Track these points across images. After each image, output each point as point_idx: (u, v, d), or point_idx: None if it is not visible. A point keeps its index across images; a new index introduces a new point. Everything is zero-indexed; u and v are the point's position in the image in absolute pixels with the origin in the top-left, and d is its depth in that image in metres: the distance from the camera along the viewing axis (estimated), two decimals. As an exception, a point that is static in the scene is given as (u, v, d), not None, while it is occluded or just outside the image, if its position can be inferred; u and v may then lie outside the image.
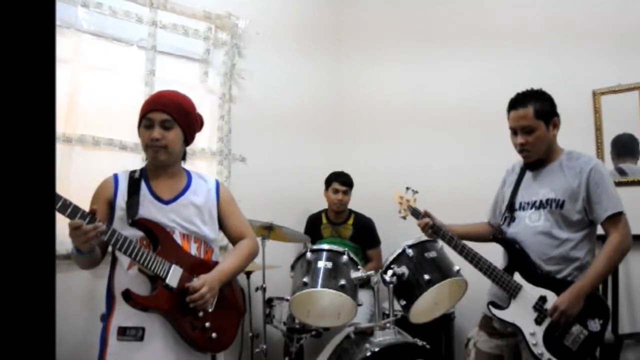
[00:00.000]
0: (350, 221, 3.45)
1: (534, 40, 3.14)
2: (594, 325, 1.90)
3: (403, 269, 2.16)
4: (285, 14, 3.82)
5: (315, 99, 3.96)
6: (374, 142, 3.94)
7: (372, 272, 2.28)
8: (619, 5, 2.85)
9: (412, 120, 3.69)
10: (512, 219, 2.09)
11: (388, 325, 2.23)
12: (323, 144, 3.99)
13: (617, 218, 1.90)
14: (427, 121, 3.61)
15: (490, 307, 2.02)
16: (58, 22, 2.59)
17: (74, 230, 1.48)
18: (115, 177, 1.81)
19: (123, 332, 1.64)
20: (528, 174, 2.10)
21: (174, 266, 1.67)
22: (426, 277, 2.10)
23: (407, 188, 2.27)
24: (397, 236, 2.43)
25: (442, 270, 2.13)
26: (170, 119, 1.73)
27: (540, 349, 1.89)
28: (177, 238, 1.75)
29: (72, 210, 1.48)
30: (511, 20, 3.25)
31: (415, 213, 2.20)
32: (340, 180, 3.40)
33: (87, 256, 1.64)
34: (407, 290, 2.15)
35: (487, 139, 3.21)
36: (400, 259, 2.20)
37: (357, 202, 3.50)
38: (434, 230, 2.11)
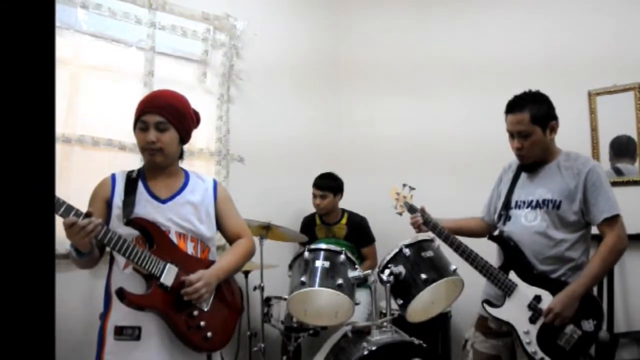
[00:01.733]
0: (344, 221, 3.45)
1: (529, 41, 3.14)
2: (588, 325, 1.90)
3: (400, 268, 2.16)
4: (283, 16, 3.83)
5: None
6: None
7: (369, 271, 2.28)
8: (615, 5, 2.86)
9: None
10: (508, 218, 2.08)
11: (385, 324, 2.24)
12: (320, 145, 4.00)
13: (613, 220, 1.90)
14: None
15: (485, 305, 2.03)
16: (58, 23, 2.60)
17: (70, 228, 1.48)
18: (113, 176, 1.82)
19: (120, 331, 1.64)
20: (525, 173, 2.10)
21: (168, 265, 1.66)
22: (423, 276, 2.10)
23: (404, 185, 2.28)
24: (395, 236, 2.44)
25: (439, 270, 2.13)
26: (164, 121, 1.72)
27: (533, 347, 1.90)
28: (173, 237, 1.74)
29: (65, 209, 1.48)
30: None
31: (412, 209, 2.20)
32: (316, 185, 3.37)
33: (86, 257, 1.64)
34: (404, 289, 2.15)
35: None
36: (397, 258, 2.20)
37: (356, 199, 3.51)
38: (430, 227, 2.11)
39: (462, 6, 3.51)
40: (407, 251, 2.19)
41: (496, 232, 2.18)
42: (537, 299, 1.93)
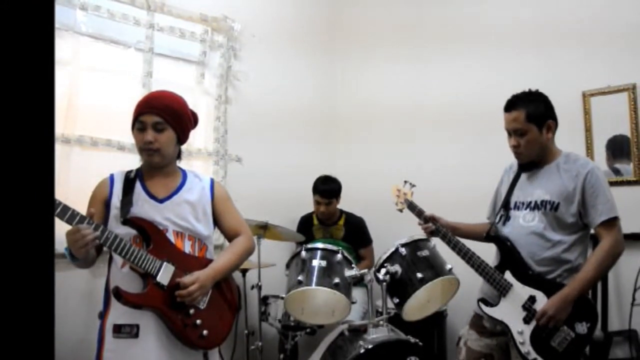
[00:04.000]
0: (342, 222, 3.46)
1: (525, 42, 3.16)
2: (582, 328, 1.89)
3: (396, 268, 2.17)
4: (280, 17, 3.85)
5: (310, 99, 3.99)
6: (368, 142, 3.96)
7: (365, 270, 2.29)
8: (608, 7, 2.87)
9: (406, 120, 3.73)
10: (507, 218, 2.08)
11: (381, 322, 2.26)
12: (317, 144, 4.02)
13: (611, 223, 1.88)
14: (421, 120, 3.64)
15: (480, 303, 2.02)
16: (57, 24, 2.61)
17: (72, 235, 1.50)
18: (112, 177, 1.83)
19: (118, 329, 1.66)
20: (525, 174, 2.10)
21: (165, 264, 1.67)
22: (419, 275, 2.11)
23: (405, 182, 2.29)
24: (391, 235, 2.46)
25: (435, 269, 2.15)
26: (162, 121, 1.73)
27: (527, 347, 1.89)
28: (171, 236, 1.75)
29: (61, 210, 1.49)
30: (503, 22, 3.27)
31: (412, 207, 2.21)
32: (321, 193, 3.34)
33: (80, 261, 1.66)
34: (400, 288, 2.16)
35: (480, 139, 3.23)
36: (393, 257, 2.22)
37: (350, 201, 3.53)
38: (437, 233, 2.12)
39: None
40: (403, 250, 2.20)
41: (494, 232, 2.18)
42: (532, 299, 1.92)
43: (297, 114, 3.86)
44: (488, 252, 2.09)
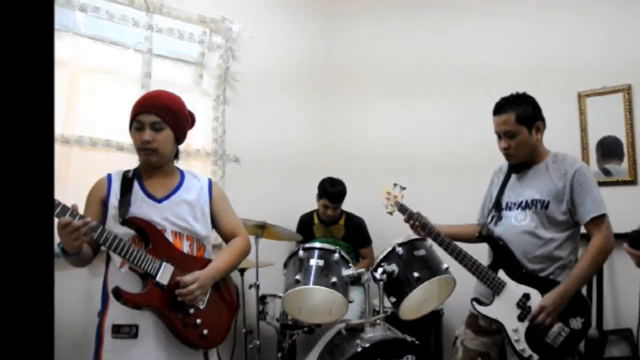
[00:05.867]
0: (342, 221, 3.46)
1: (520, 43, 3.18)
2: (576, 323, 1.92)
3: (393, 267, 2.18)
4: (278, 18, 3.86)
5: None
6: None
7: (362, 269, 2.30)
8: (605, 6, 2.88)
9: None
10: (499, 218, 2.11)
11: (378, 321, 2.27)
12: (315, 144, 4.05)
13: (600, 220, 1.92)
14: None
15: (474, 303, 2.04)
16: (57, 26, 2.62)
17: (63, 228, 1.48)
18: (109, 177, 1.82)
19: (117, 329, 1.66)
20: (515, 175, 2.13)
21: (164, 264, 1.67)
22: (415, 274, 2.12)
23: (395, 184, 2.30)
24: (389, 235, 2.46)
25: (431, 268, 2.16)
26: (160, 121, 1.74)
27: (522, 345, 1.91)
28: (169, 236, 1.75)
29: (60, 210, 1.49)
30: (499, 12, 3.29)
31: (402, 209, 2.22)
32: (330, 197, 3.33)
33: (72, 257, 1.63)
34: (397, 287, 2.17)
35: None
36: (390, 256, 2.22)
37: (350, 201, 3.54)
38: (422, 227, 2.14)
39: (452, 12, 3.54)
40: (400, 250, 2.21)
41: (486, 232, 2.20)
42: (526, 297, 1.95)
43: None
44: (481, 253, 2.11)
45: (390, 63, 3.85)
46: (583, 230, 2.02)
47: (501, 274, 2.01)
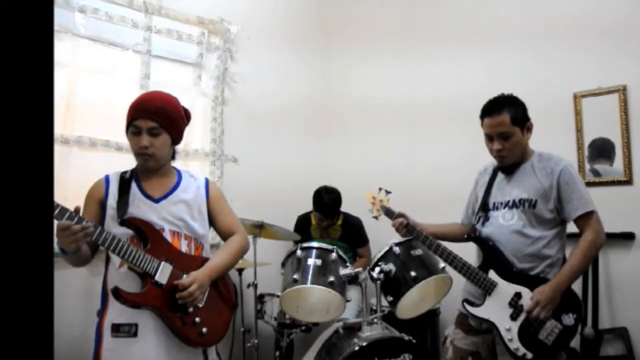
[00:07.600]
0: (339, 222, 3.47)
1: (517, 43, 3.18)
2: (569, 319, 1.93)
3: (390, 266, 2.19)
4: (276, 19, 3.88)
5: (305, 100, 4.03)
6: (363, 141, 3.99)
7: (360, 269, 2.31)
8: (600, 8, 2.90)
9: (402, 118, 3.75)
10: (487, 219, 2.11)
11: (375, 320, 2.28)
12: (313, 144, 4.06)
13: (588, 216, 1.93)
14: (415, 117, 3.67)
15: (465, 304, 2.04)
16: (56, 27, 2.63)
17: (62, 230, 1.49)
18: (107, 178, 1.83)
19: (117, 328, 1.67)
20: (501, 175, 2.13)
21: (163, 263, 1.68)
22: (412, 274, 2.13)
23: (380, 188, 2.29)
24: (387, 234, 2.47)
25: (428, 268, 2.16)
26: (157, 126, 1.73)
27: (515, 344, 1.91)
28: (167, 235, 1.76)
29: (59, 212, 1.50)
30: (494, 21, 3.30)
31: (389, 213, 2.22)
32: (324, 212, 3.32)
33: (72, 256, 1.64)
34: (394, 286, 2.18)
35: (470, 138, 3.24)
36: (387, 256, 2.24)
37: (347, 200, 3.55)
38: (408, 229, 2.13)
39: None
40: (397, 249, 2.22)
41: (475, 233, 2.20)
42: (518, 295, 1.95)
43: (292, 114, 3.90)
44: (469, 253, 2.11)
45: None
46: (570, 229, 2.02)
47: (492, 274, 2.00)
